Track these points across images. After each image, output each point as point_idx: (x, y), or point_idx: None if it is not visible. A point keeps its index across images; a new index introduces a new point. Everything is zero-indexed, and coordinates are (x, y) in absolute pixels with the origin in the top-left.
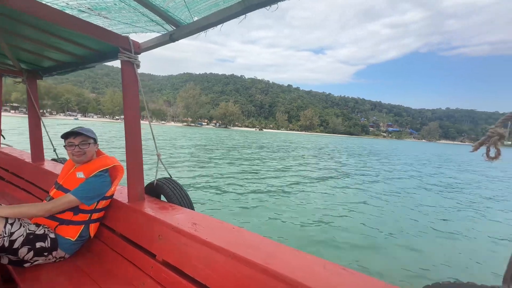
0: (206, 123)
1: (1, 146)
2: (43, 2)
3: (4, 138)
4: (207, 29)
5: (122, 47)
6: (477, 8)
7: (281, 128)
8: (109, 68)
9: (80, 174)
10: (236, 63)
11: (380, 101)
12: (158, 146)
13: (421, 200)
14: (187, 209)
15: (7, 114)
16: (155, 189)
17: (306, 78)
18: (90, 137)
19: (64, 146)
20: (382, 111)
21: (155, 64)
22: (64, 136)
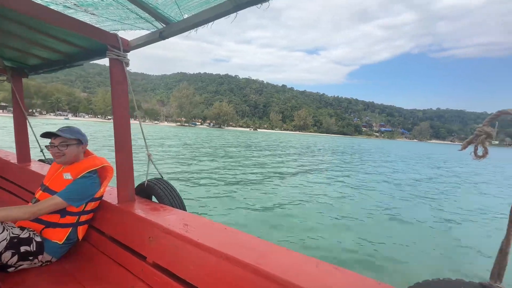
0: (200, 123)
1: None
2: None
3: None
4: (198, 27)
5: (110, 45)
6: (467, 10)
7: (275, 128)
8: (101, 67)
9: (67, 175)
10: (231, 63)
11: (373, 102)
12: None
13: (390, 194)
14: (179, 210)
15: None
16: (146, 190)
17: (300, 78)
18: (71, 138)
19: (46, 146)
20: (375, 111)
21: (148, 64)
22: (47, 137)
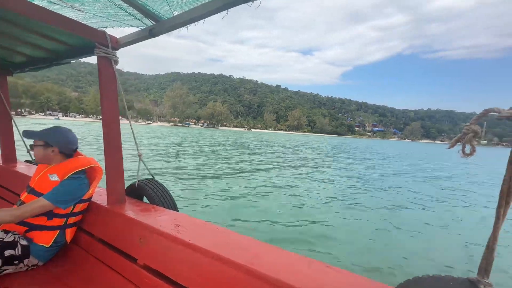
0: (193, 123)
1: None
2: None
3: None
4: (189, 25)
5: (98, 42)
6: (457, 13)
7: (269, 128)
8: (93, 66)
9: (53, 176)
10: (226, 63)
11: (366, 102)
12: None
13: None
14: (171, 210)
15: None
16: (136, 191)
17: (295, 78)
18: (36, 140)
19: (31, 145)
20: (368, 112)
21: (141, 63)
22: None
